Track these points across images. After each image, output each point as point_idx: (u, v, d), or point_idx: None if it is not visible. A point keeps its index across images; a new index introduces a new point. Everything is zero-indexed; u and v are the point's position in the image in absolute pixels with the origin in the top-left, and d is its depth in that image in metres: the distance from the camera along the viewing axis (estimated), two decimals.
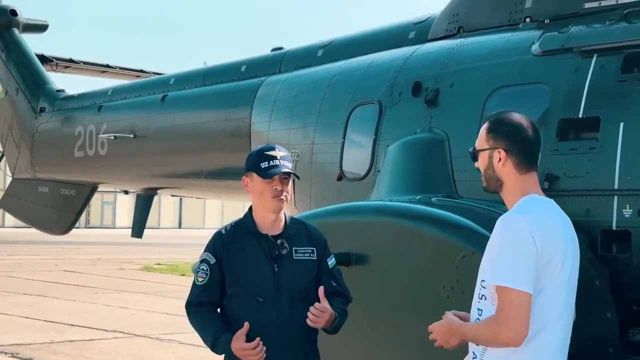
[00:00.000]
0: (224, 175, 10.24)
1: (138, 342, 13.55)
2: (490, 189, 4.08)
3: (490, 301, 3.87)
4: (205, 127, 10.29)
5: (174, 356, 12.42)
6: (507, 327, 3.72)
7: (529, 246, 3.74)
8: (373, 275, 6.00)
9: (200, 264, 4.72)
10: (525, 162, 3.97)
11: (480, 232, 5.67)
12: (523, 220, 3.78)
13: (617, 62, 6.07)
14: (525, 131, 3.98)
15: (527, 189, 3.98)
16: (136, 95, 11.89)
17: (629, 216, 5.75)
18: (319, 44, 9.44)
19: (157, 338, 13.99)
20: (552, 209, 3.97)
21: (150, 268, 28.30)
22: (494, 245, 3.87)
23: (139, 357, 12.30)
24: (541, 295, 3.79)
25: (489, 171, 4.03)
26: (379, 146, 7.47)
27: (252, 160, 4.72)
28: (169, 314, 17.08)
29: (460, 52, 7.25)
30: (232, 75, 10.32)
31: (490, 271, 3.82)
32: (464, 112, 6.87)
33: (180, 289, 22.02)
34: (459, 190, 6.73)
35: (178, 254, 34.60)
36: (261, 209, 4.71)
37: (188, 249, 38.06)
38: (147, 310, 17.65)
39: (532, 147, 4.00)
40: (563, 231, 3.90)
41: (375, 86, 7.78)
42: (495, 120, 4.05)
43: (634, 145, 5.81)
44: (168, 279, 25.11)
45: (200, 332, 4.69)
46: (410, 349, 5.84)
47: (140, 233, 12.25)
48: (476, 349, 3.95)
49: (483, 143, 4.04)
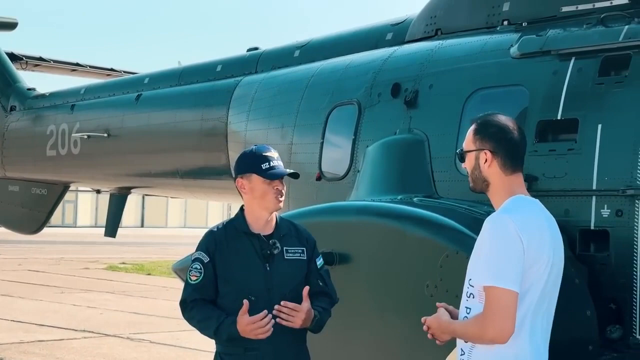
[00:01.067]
0: (200, 175, 10.27)
1: (109, 342, 13.54)
2: (477, 189, 4.17)
3: (478, 299, 3.97)
4: (180, 126, 10.30)
5: (146, 355, 12.43)
6: (494, 324, 3.83)
7: (516, 246, 3.84)
8: (356, 274, 6.06)
9: (193, 263, 4.77)
10: (511, 163, 4.07)
11: (463, 232, 5.77)
12: (510, 221, 3.87)
13: (594, 65, 6.20)
14: (511, 133, 4.08)
15: (513, 190, 4.08)
16: (110, 94, 11.86)
17: (607, 216, 5.88)
18: (296, 44, 9.50)
19: (128, 337, 13.99)
20: (538, 210, 4.07)
21: (116, 267, 28.21)
22: (482, 245, 3.96)
23: (110, 356, 12.29)
24: (527, 293, 3.89)
25: (475, 172, 4.12)
26: (358, 146, 7.55)
27: (250, 162, 4.77)
28: (137, 314, 17.07)
29: (439, 54, 7.34)
30: (207, 75, 10.34)
31: (478, 271, 3.92)
32: (444, 113, 6.96)
33: (148, 289, 22.01)
34: (438, 190, 6.82)
35: (142, 253, 34.52)
36: (259, 209, 4.77)
37: (152, 248, 38.01)
38: (115, 309, 17.61)
39: (517, 148, 4.10)
40: (549, 231, 4.01)
41: (354, 87, 7.85)
42: (482, 122, 4.14)
43: (612, 147, 5.93)
44: (134, 278, 25.07)
45: (201, 323, 4.72)
46: (394, 348, 5.92)
47: (114, 232, 12.23)
48: (464, 345, 4.05)
49: (470, 144, 4.13)
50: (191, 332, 15.37)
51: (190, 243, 31.68)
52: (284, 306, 4.57)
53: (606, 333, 5.82)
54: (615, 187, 5.86)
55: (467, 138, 4.13)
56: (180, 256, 24.48)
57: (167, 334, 14.47)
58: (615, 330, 5.83)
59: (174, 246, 40.87)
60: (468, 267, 4.04)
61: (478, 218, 6.13)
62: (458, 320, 4.04)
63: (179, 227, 66.66)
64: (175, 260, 27.14)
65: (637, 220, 5.75)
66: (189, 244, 37.01)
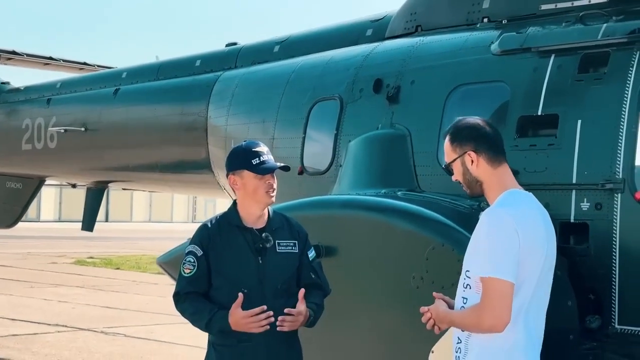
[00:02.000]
0: (179, 169, 10.33)
1: (83, 336, 13.56)
2: (475, 193, 4.29)
3: (474, 290, 4.11)
4: (159, 121, 10.35)
5: (121, 349, 12.46)
6: (491, 313, 3.96)
7: (513, 239, 3.98)
8: (343, 267, 6.17)
9: (187, 256, 4.84)
10: (495, 155, 4.21)
11: (448, 225, 5.91)
12: (507, 215, 4.01)
13: (574, 62, 6.35)
14: (483, 128, 4.24)
15: (504, 182, 4.21)
16: (87, 88, 11.86)
17: (587, 209, 6.04)
18: (276, 40, 9.59)
19: (102, 332, 14.01)
20: (533, 203, 4.21)
21: (84, 262, 28.11)
22: (479, 238, 4.09)
23: (86, 350, 12.32)
24: (523, 285, 4.04)
25: (467, 176, 4.25)
26: (340, 141, 7.66)
27: (241, 158, 4.85)
28: (110, 308, 17.08)
29: (420, 50, 7.47)
30: (186, 70, 10.39)
31: (476, 263, 4.06)
32: (426, 109, 7.09)
33: (118, 283, 22.00)
34: (421, 184, 6.95)
35: (108, 248, 34.41)
36: (251, 203, 4.85)
37: (118, 243, 37.85)
38: (87, 304, 17.60)
39: (495, 140, 4.25)
40: (543, 224, 4.15)
41: (335, 82, 7.95)
42: (453, 129, 4.28)
43: (591, 142, 6.10)
44: (103, 272, 25.01)
45: (193, 315, 4.79)
46: (381, 339, 6.04)
47: (91, 227, 12.24)
48: (461, 334, 4.18)
49: (451, 154, 4.26)
50: (165, 325, 15.44)
51: (155, 237, 31.73)
52: (288, 314, 4.65)
53: (585, 323, 5.97)
54: (594, 181, 6.02)
55: (446, 150, 4.27)
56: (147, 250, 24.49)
57: (141, 327, 14.51)
58: (594, 320, 5.98)
59: (139, 240, 40.80)
60: (465, 259, 4.18)
61: (462, 211, 6.29)
62: (455, 310, 4.17)
63: (144, 222, 66.39)
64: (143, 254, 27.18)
65: (616, 214, 5.91)
66: (154, 238, 36.88)
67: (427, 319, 4.31)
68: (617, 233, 5.90)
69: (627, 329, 5.86)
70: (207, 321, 4.69)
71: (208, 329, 4.73)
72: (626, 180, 5.89)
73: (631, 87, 6.01)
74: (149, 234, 47.37)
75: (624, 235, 5.88)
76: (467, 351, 4.14)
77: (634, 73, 6.03)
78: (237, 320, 4.61)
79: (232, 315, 4.61)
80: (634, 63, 6.06)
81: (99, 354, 12.02)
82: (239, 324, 4.61)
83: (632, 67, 6.05)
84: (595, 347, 5.92)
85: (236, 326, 4.62)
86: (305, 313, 4.73)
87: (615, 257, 5.91)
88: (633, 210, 5.87)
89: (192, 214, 71.59)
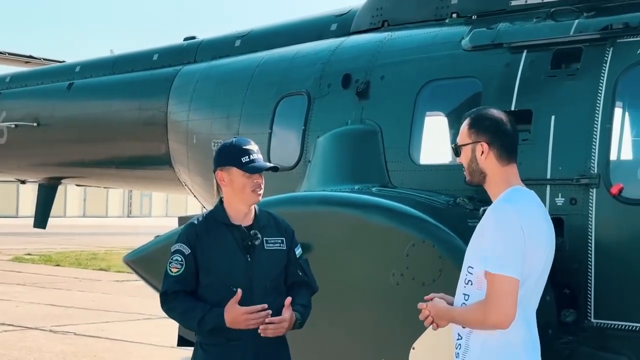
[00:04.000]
0: (138, 165, 10.18)
1: (31, 335, 13.27)
2: (474, 182, 4.28)
3: (476, 286, 4.10)
4: (116, 116, 10.18)
5: (73, 348, 12.23)
6: (496, 310, 3.96)
7: (518, 235, 3.98)
8: (320, 265, 6.10)
9: (174, 255, 4.75)
10: (507, 154, 4.21)
11: (428, 221, 5.90)
12: (513, 211, 4.02)
13: (546, 58, 6.40)
14: (505, 125, 4.23)
15: (509, 180, 4.22)
16: (38, 82, 11.62)
17: (561, 204, 6.09)
18: (237, 34, 9.49)
19: (51, 330, 13.74)
20: (535, 201, 4.23)
21: (22, 258, 27.59)
22: (483, 234, 4.08)
23: (36, 349, 12.06)
24: (525, 281, 4.05)
25: (472, 164, 4.24)
26: (308, 137, 7.61)
27: (231, 155, 4.77)
28: (55, 306, 16.77)
29: (389, 45, 7.45)
30: (143, 64, 10.24)
31: (481, 258, 4.04)
32: (397, 104, 7.08)
33: (60, 280, 21.62)
34: (392, 180, 6.94)
35: (45, 244, 33.82)
36: (238, 202, 4.78)
37: (53, 239, 37.24)
38: (30, 302, 17.25)
39: (512, 139, 4.25)
40: (545, 222, 4.17)
41: (302, 77, 7.90)
42: (476, 116, 4.27)
43: (565, 137, 6.15)
44: (42, 269, 24.56)
45: (183, 314, 4.69)
46: (360, 337, 6.01)
47: (43, 224, 12.02)
48: (461, 330, 4.17)
49: (465, 138, 4.25)
50: (115, 323, 15.19)
51: (90, 233, 31.22)
52: (271, 322, 4.57)
53: (561, 317, 6.03)
54: (568, 177, 6.07)
55: (462, 132, 4.25)
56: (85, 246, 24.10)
57: (90, 325, 14.27)
58: (569, 315, 6.04)
59: (75, 236, 40.22)
60: (466, 254, 4.16)
61: (438, 207, 6.29)
62: (457, 307, 4.16)
63: (78, 217, 65.53)
64: (82, 250, 26.69)
65: (591, 209, 5.97)
66: (89, 233, 36.35)
67: (425, 316, 4.29)
68: (593, 228, 5.96)
69: (603, 323, 5.92)
70: (200, 319, 4.61)
71: (200, 327, 4.64)
72: (601, 175, 5.95)
73: (605, 83, 6.06)
74: (83, 229, 46.75)
75: (600, 230, 5.94)
76: (468, 347, 4.13)
77: (607, 69, 6.08)
78: (235, 316, 4.53)
79: (230, 312, 4.54)
80: (607, 59, 6.12)
81: (50, 354, 11.78)
82: (238, 321, 4.54)
83: (606, 63, 6.11)
84: (571, 341, 5.97)
85: (234, 323, 4.54)
86: (290, 319, 4.68)
87: (590, 251, 5.97)
88: (608, 205, 5.93)
89: (127, 208, 70.87)
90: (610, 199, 5.91)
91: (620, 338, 5.88)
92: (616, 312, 5.91)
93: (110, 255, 28.95)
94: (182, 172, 9.43)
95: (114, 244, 34.86)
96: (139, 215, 68.48)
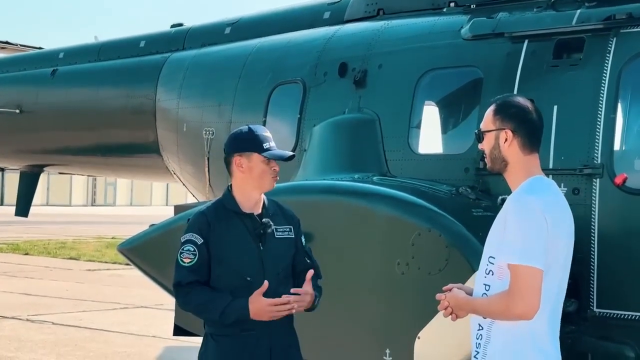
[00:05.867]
0: (124, 152, 10.06)
1: (9, 324, 13.11)
2: (495, 169, 4.24)
3: (497, 276, 4.06)
4: (103, 103, 10.03)
5: (52, 337, 12.09)
6: (521, 301, 3.93)
7: (541, 226, 3.95)
8: (325, 254, 6.07)
9: (185, 245, 4.66)
10: (530, 143, 4.17)
11: (435, 210, 5.88)
12: (535, 201, 3.98)
13: (548, 47, 6.39)
14: (531, 114, 4.19)
15: (530, 170, 4.18)
16: (20, 68, 11.43)
17: (564, 194, 6.07)
18: (226, 21, 9.39)
19: (28, 319, 13.58)
20: (556, 191, 4.19)
21: None
22: (505, 224, 4.05)
23: (15, 339, 11.91)
24: (548, 271, 4.02)
25: (495, 151, 4.20)
26: (304, 125, 7.55)
27: (251, 141, 4.69)
28: (29, 295, 16.58)
29: (386, 34, 7.40)
30: (130, 51, 10.09)
31: (504, 249, 4.01)
32: (395, 93, 7.04)
33: (31, 269, 21.39)
34: (391, 169, 6.91)
35: (10, 232, 33.47)
36: (254, 188, 4.71)
37: (18, 227, 36.82)
38: (3, 291, 17.05)
39: (536, 129, 4.21)
40: (566, 212, 4.15)
41: (297, 66, 7.83)
42: (502, 102, 4.22)
43: (568, 127, 6.15)
44: (12, 258, 24.30)
45: (201, 306, 4.60)
46: (365, 326, 5.99)
47: (25, 212, 11.85)
48: (483, 321, 4.13)
49: (489, 124, 4.20)
50: (92, 312, 15.05)
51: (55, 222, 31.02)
52: (296, 293, 4.55)
53: (563, 306, 6.02)
54: (571, 167, 6.08)
55: (486, 118, 4.21)
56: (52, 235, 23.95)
57: (67, 314, 14.14)
58: (571, 304, 6.05)
59: (40, 224, 39.77)
60: (486, 245, 4.13)
61: (440, 197, 6.27)
62: (478, 297, 4.13)
63: (41, 205, 64.94)
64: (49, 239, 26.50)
65: (594, 199, 5.98)
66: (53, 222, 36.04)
67: (443, 307, 4.25)
68: (596, 218, 5.97)
69: (606, 312, 5.94)
70: (222, 311, 4.53)
71: (223, 318, 4.55)
72: (605, 165, 5.97)
73: (609, 73, 6.07)
74: (48, 218, 46.29)
75: (603, 220, 5.96)
76: (490, 338, 4.09)
77: (611, 59, 6.09)
78: (261, 308, 4.47)
79: (255, 303, 4.48)
80: (610, 49, 6.13)
81: (30, 343, 11.64)
82: (262, 312, 4.48)
83: (609, 54, 6.12)
84: (574, 330, 5.99)
85: (258, 314, 4.49)
86: (312, 293, 4.64)
87: (593, 241, 5.98)
88: (612, 195, 5.95)
89: (91, 197, 70.39)
90: (614, 189, 5.93)
91: (622, 327, 5.91)
92: (618, 302, 5.94)
93: (79, 244, 28.73)
94: (171, 161, 9.33)
95: (80, 232, 34.61)
96: (103, 204, 68.05)
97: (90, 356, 10.88)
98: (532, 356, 4.04)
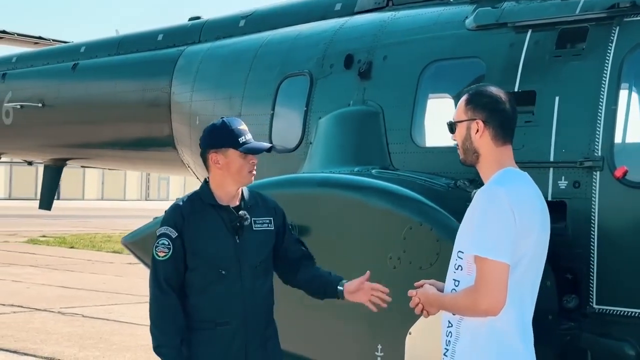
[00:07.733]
0: (141, 146, 10.08)
1: (40, 317, 13.29)
2: (467, 162, 4.15)
3: (466, 271, 3.96)
4: (121, 96, 10.07)
5: (80, 330, 12.22)
6: (487, 296, 3.82)
7: (509, 218, 3.83)
8: (317, 247, 5.99)
9: (160, 239, 4.62)
10: (502, 134, 4.06)
11: (426, 204, 5.78)
12: (503, 193, 3.87)
13: (552, 37, 6.24)
14: (503, 104, 4.08)
15: (502, 161, 4.07)
16: (44, 63, 11.53)
17: (565, 187, 5.94)
18: (241, 14, 9.36)
19: (59, 312, 13.75)
20: (528, 183, 4.08)
21: (37, 240, 27.68)
22: (473, 217, 3.95)
23: (44, 331, 12.06)
24: (516, 266, 3.90)
25: (466, 142, 4.10)
26: (310, 118, 7.49)
27: (226, 136, 4.63)
28: (66, 287, 16.80)
29: (392, 25, 7.30)
30: (148, 45, 10.12)
31: (470, 242, 3.91)
32: (399, 85, 6.94)
33: (72, 262, 21.67)
34: (394, 162, 6.81)
35: (61, 226, 33.98)
36: (231, 183, 4.66)
37: (70, 221, 37.39)
38: (42, 284, 17.30)
39: (509, 120, 4.10)
40: (539, 204, 4.02)
41: (304, 58, 7.77)
42: (474, 92, 4.12)
43: (570, 119, 5.99)
44: (56, 251, 24.66)
45: (159, 320, 4.63)
46: (356, 321, 5.90)
47: (49, 205, 11.95)
48: (452, 317, 4.04)
49: (461, 114, 4.11)
50: (124, 305, 15.21)
51: (107, 216, 31.64)
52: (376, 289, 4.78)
53: (562, 303, 5.90)
54: (572, 159, 5.92)
55: (459, 108, 4.11)
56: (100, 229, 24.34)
57: (99, 307, 14.28)
58: (571, 300, 5.91)
59: (92, 219, 40.34)
60: (457, 239, 4.03)
61: (437, 190, 6.17)
62: (447, 293, 4.03)
63: (96, 200, 65.80)
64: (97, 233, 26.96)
65: (595, 192, 5.82)
66: (106, 216, 36.72)
67: (415, 304, 4.17)
68: (596, 211, 5.81)
69: (605, 309, 5.78)
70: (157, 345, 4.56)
71: (156, 348, 4.57)
72: (605, 158, 5.80)
73: (611, 63, 5.90)
74: (102, 212, 46.88)
75: (603, 213, 5.80)
76: (459, 335, 4.00)
77: (613, 49, 5.92)
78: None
79: None
80: (613, 39, 5.96)
81: (57, 335, 11.78)
82: None
83: (612, 43, 5.95)
84: (573, 327, 5.84)
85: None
86: None
87: (593, 236, 5.82)
88: (612, 189, 5.78)
89: (145, 192, 71.09)
90: (614, 182, 5.76)
91: (622, 324, 5.75)
92: (618, 298, 5.77)
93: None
94: (186, 154, 9.33)
95: (129, 226, 34.97)
96: (156, 198, 68.67)
97: (112, 349, 10.96)
98: (500, 354, 3.93)
